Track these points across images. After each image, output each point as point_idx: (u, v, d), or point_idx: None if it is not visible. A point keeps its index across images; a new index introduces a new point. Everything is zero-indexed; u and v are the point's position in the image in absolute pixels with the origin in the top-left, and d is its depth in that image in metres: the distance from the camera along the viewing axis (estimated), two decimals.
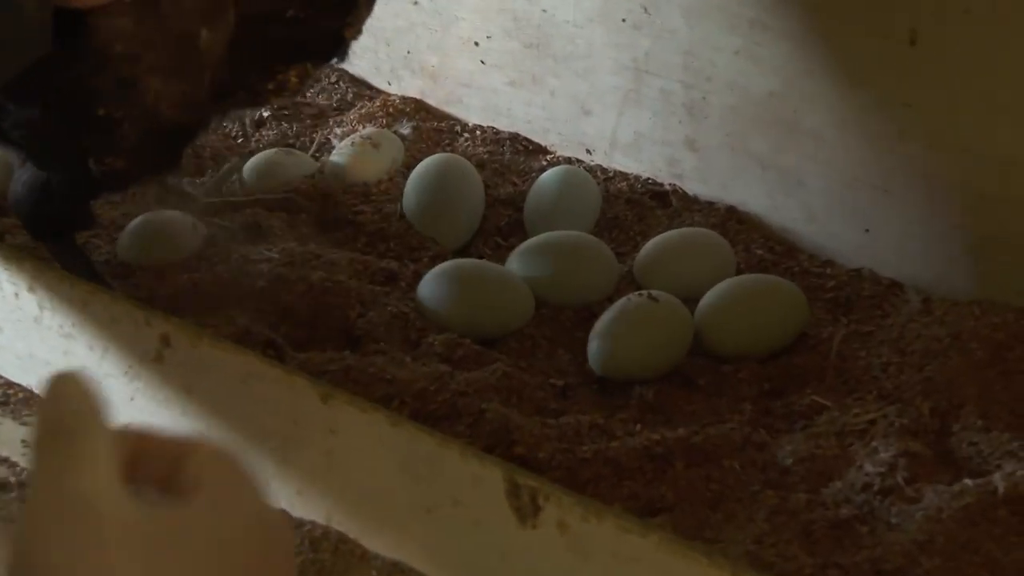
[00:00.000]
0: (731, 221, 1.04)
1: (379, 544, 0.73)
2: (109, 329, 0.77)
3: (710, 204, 1.05)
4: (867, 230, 0.98)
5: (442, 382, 0.83)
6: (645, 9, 1.02)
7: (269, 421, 0.73)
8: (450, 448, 0.67)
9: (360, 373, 0.82)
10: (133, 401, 0.76)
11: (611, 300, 0.96)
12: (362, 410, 0.69)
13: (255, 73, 0.96)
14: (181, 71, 0.86)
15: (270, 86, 0.97)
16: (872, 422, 0.83)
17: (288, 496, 0.72)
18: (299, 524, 0.73)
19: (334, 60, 1.00)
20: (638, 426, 0.84)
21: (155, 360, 0.76)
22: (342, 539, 0.72)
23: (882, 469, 0.79)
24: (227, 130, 1.19)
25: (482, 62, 1.15)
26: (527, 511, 0.65)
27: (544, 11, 1.08)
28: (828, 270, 0.99)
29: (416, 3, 1.17)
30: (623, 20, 1.04)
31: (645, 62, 1.04)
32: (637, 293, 0.93)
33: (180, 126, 0.89)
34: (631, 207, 1.07)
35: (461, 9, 1.14)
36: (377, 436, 0.69)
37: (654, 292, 0.92)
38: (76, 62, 0.82)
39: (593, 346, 0.91)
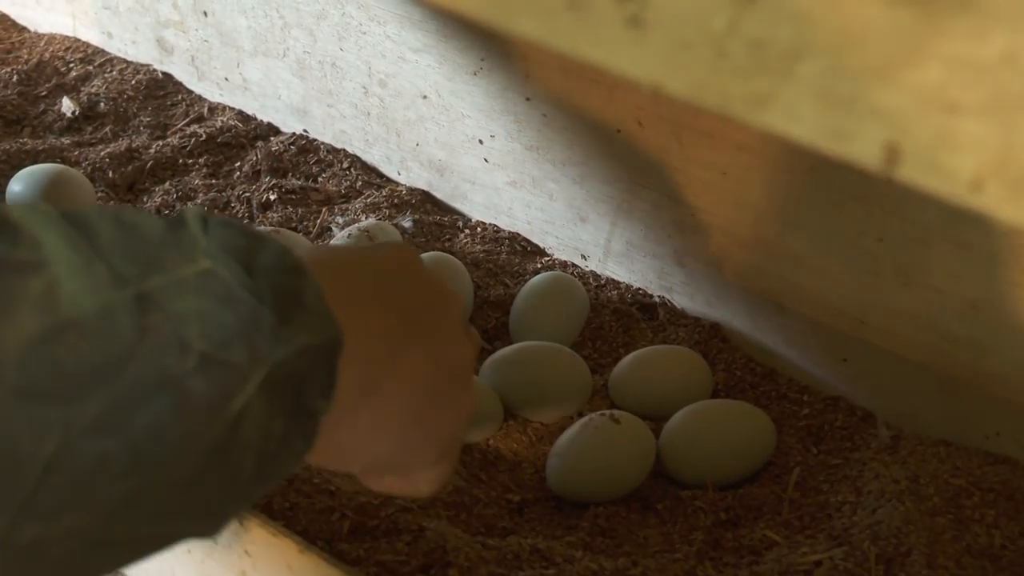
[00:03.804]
0: (715, 339, 1.05)
1: None
2: None
3: (696, 320, 1.07)
4: (845, 359, 0.98)
5: (387, 496, 0.85)
6: (639, 122, 1.04)
7: None
8: None
9: (304, 483, 0.83)
10: None
11: (582, 414, 0.97)
12: (273, 534, 0.72)
13: None
14: None
15: None
16: (818, 563, 0.83)
17: None
18: None
19: None
20: (579, 552, 0.85)
21: None
22: None
23: None
24: (233, 210, 1.22)
25: (485, 160, 1.17)
26: None
27: (544, 115, 1.10)
28: (805, 397, 1.00)
29: (425, 97, 1.19)
30: (618, 131, 1.05)
31: (638, 174, 1.06)
32: (600, 413, 0.94)
33: None
34: (618, 317, 1.08)
35: (467, 107, 1.16)
36: (286, 563, 0.71)
37: (617, 413, 0.93)
38: None
39: (552, 464, 0.92)
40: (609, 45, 0.42)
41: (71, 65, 1.42)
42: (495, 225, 1.19)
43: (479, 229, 1.19)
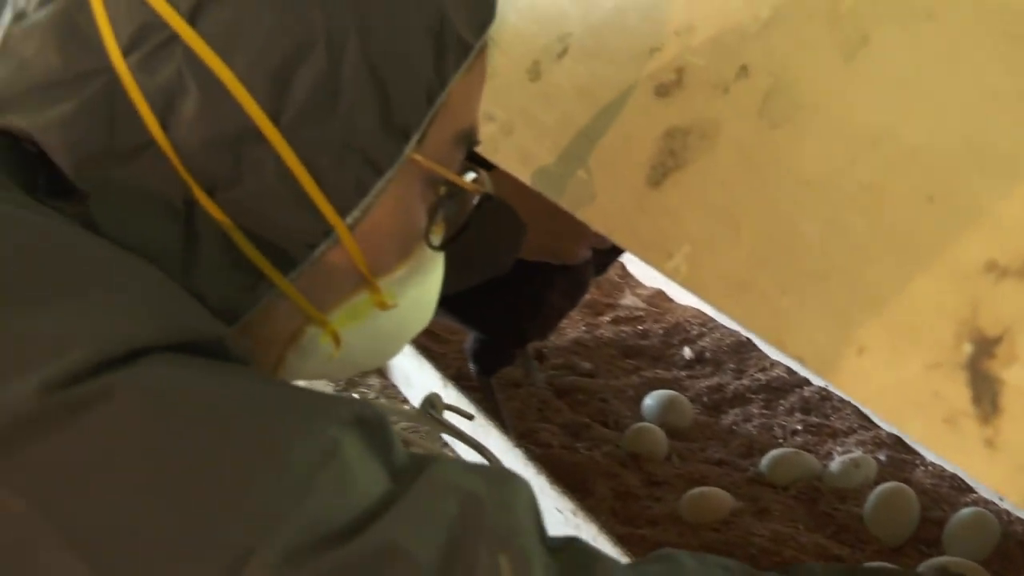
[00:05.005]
0: None
1: None
2: None
3: None
4: None
5: None
6: None
7: None
8: None
9: None
10: None
11: None
12: None
13: None
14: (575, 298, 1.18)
15: None
16: None
17: None
18: None
19: None
20: None
21: None
22: None
23: None
24: (774, 433, 1.25)
25: None
26: None
27: None
28: None
29: None
30: None
31: None
32: None
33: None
34: (1020, 546, 1.02)
35: None
36: None
37: None
38: (522, 285, 1.10)
39: None
40: (969, 456, 0.42)
41: (693, 326, 1.49)
42: (940, 466, 1.15)
43: (930, 467, 1.15)
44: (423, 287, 0.59)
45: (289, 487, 0.40)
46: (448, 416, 0.81)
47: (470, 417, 0.79)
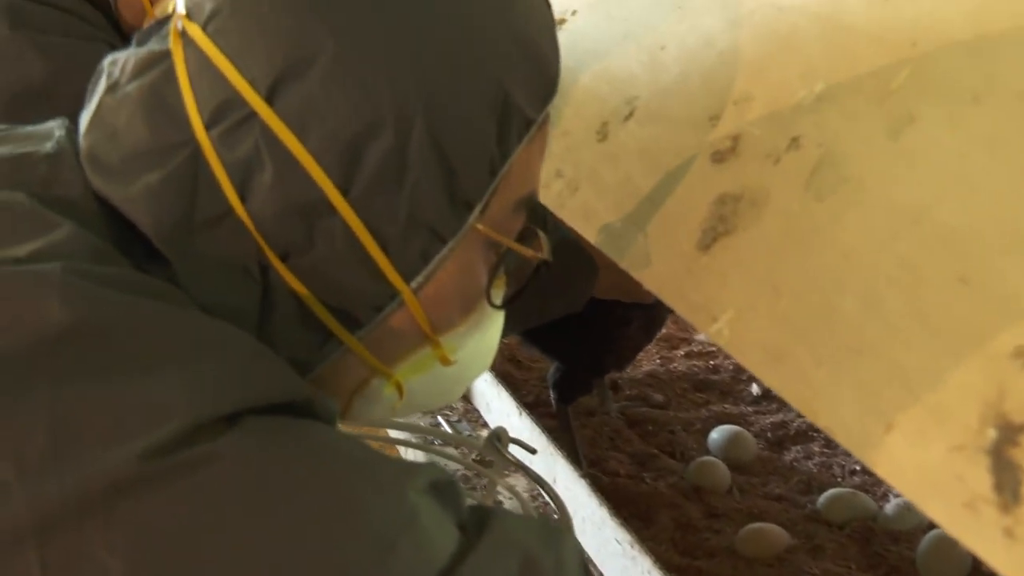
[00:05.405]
0: None
1: None
2: None
3: None
4: None
5: None
6: None
7: None
8: None
9: None
10: None
11: None
12: None
13: None
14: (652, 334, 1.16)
15: None
16: None
17: None
18: None
19: None
20: None
21: None
22: None
23: None
24: (832, 472, 1.19)
25: None
26: None
27: None
28: None
29: None
30: None
31: None
32: None
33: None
34: None
35: None
36: None
37: None
38: (600, 320, 1.08)
39: None
40: (987, 543, 0.39)
41: None
42: None
43: None
44: (483, 339, 0.58)
45: (374, 552, 0.40)
46: (513, 449, 0.80)
47: (533, 451, 0.78)
